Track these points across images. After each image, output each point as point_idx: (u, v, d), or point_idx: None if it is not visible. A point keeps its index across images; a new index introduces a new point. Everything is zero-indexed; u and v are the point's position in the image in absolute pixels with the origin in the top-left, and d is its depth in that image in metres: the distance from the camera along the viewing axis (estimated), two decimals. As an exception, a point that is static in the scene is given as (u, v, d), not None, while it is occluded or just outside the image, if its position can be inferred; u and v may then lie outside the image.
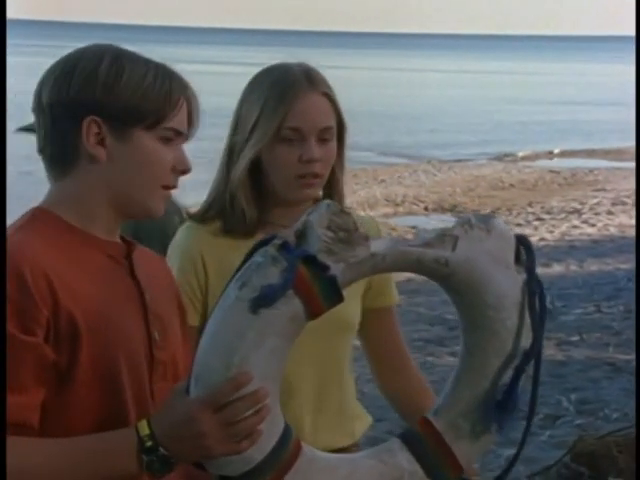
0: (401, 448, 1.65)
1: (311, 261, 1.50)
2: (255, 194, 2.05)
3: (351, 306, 2.06)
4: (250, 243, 1.57)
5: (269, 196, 2.06)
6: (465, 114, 28.32)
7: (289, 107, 2.01)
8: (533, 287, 1.62)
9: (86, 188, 1.63)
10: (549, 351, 6.48)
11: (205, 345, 1.53)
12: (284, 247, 1.50)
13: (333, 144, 2.06)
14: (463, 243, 1.56)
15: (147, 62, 1.64)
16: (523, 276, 1.61)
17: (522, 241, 1.63)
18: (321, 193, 2.11)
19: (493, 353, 1.62)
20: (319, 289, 1.51)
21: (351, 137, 2.12)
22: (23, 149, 4.46)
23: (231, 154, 2.06)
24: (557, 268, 9.21)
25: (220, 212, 2.06)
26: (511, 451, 5.43)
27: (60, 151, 1.63)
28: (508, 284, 1.60)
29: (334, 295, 1.53)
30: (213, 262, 2.04)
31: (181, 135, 1.67)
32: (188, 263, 2.04)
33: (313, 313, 1.53)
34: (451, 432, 1.64)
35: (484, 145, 21.07)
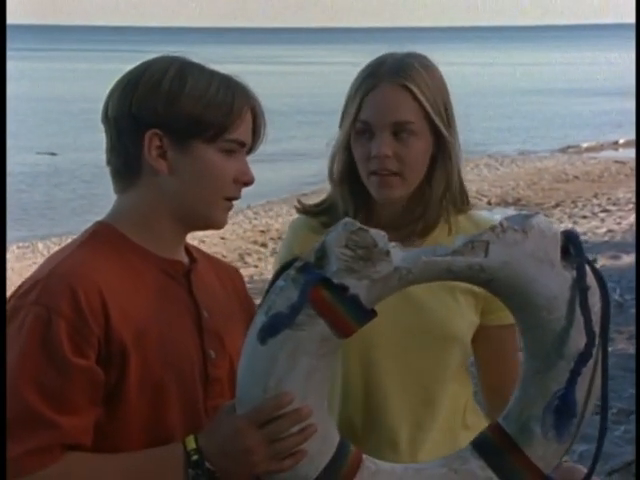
0: (473, 455, 1.62)
1: (328, 283, 1.49)
2: (356, 187, 1.97)
3: (456, 318, 1.97)
4: None
5: (368, 195, 1.97)
6: (522, 106, 28.03)
7: (362, 99, 1.91)
8: (583, 285, 1.56)
9: (147, 201, 1.64)
10: (621, 345, 6.36)
11: (242, 370, 1.54)
12: (305, 269, 1.50)
13: (415, 143, 1.92)
14: (496, 247, 1.52)
15: (212, 74, 1.63)
16: (573, 273, 1.56)
17: (570, 237, 1.56)
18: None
19: (555, 353, 1.57)
20: (343, 310, 1.50)
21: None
22: None
23: None
24: (626, 260, 9.04)
25: (329, 207, 2.01)
26: (585, 447, 5.35)
27: (124, 164, 1.64)
28: (556, 283, 1.55)
29: (361, 313, 1.52)
30: None
31: (244, 146, 1.65)
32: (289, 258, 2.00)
33: (344, 333, 1.53)
34: (523, 436, 1.60)
35: (547, 137, 20.83)
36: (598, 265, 7.72)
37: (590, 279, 1.58)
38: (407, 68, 1.93)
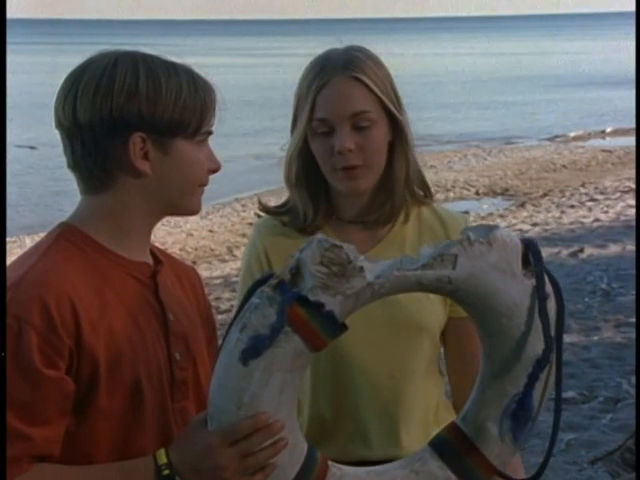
0: (432, 456, 1.65)
1: (305, 301, 1.51)
2: (314, 188, 2.00)
3: (425, 309, 1.98)
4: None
5: (329, 189, 2.00)
6: (509, 95, 28.07)
7: (315, 98, 1.93)
8: (542, 292, 1.59)
9: (126, 201, 1.64)
10: (608, 333, 6.38)
11: (215, 387, 1.55)
12: (279, 287, 1.52)
13: (375, 132, 1.95)
14: (463, 260, 1.56)
15: (177, 72, 1.64)
16: (532, 280, 1.60)
17: (529, 246, 1.60)
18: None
19: (513, 358, 1.61)
20: (317, 326, 1.52)
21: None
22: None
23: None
24: (613, 249, 9.07)
25: (290, 209, 2.03)
26: (572, 435, 5.33)
27: (101, 167, 1.62)
28: (517, 291, 1.60)
29: (335, 328, 1.54)
30: (278, 258, 1.98)
31: (210, 134, 1.69)
32: (254, 259, 2.01)
33: (317, 347, 1.55)
34: (480, 436, 1.64)
35: (534, 127, 20.86)
36: (585, 254, 7.74)
37: (547, 286, 1.61)
38: (354, 60, 1.95)
